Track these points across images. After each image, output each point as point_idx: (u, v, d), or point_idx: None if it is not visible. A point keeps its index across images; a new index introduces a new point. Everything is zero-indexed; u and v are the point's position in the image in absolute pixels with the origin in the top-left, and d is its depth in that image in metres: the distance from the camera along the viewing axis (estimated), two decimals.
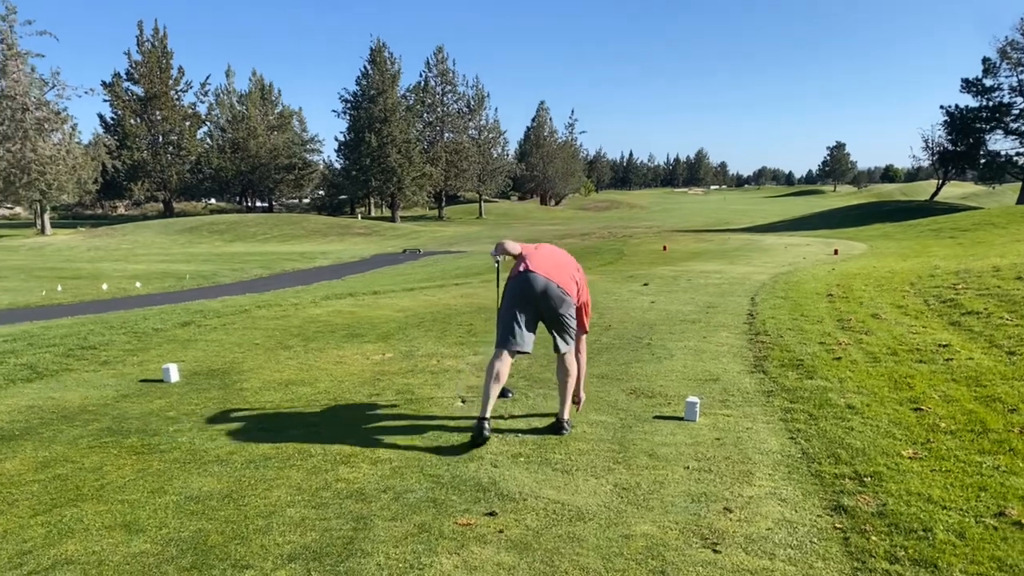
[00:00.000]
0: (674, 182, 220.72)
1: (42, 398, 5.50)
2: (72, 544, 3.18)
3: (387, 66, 66.17)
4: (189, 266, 25.16)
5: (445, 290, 11.79)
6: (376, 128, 64.07)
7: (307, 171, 77.27)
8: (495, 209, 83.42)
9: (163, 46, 66.42)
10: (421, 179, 67.32)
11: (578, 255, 20.62)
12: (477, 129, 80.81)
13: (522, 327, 4.46)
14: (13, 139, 45.57)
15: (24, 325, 9.68)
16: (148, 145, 66.11)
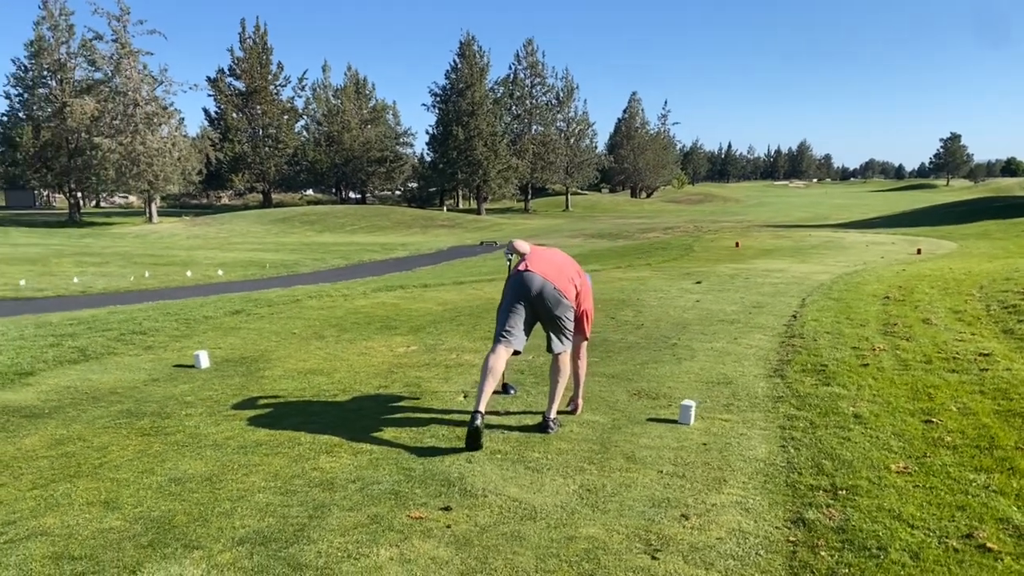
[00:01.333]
0: (774, 175, 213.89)
1: (80, 379, 5.93)
2: (52, 517, 3.44)
3: (476, 59, 66.82)
4: (276, 255, 26.25)
5: (494, 284, 11.90)
6: (464, 121, 64.85)
7: (398, 164, 79.00)
8: (582, 202, 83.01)
9: (263, 42, 69.22)
10: (507, 172, 67.75)
11: (645, 251, 20.43)
12: (565, 121, 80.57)
13: (516, 325, 4.51)
14: (124, 132, 48.60)
15: (97, 309, 10.37)
16: (248, 138, 69.13)
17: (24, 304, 13.78)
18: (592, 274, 13.20)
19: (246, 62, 68.23)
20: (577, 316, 4.76)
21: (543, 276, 4.47)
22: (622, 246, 24.55)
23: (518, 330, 4.49)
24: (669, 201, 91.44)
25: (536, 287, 4.44)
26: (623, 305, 9.12)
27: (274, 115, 70.13)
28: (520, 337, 4.51)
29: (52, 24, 53.29)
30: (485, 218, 55.12)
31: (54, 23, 53.35)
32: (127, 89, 49.61)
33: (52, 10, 53.28)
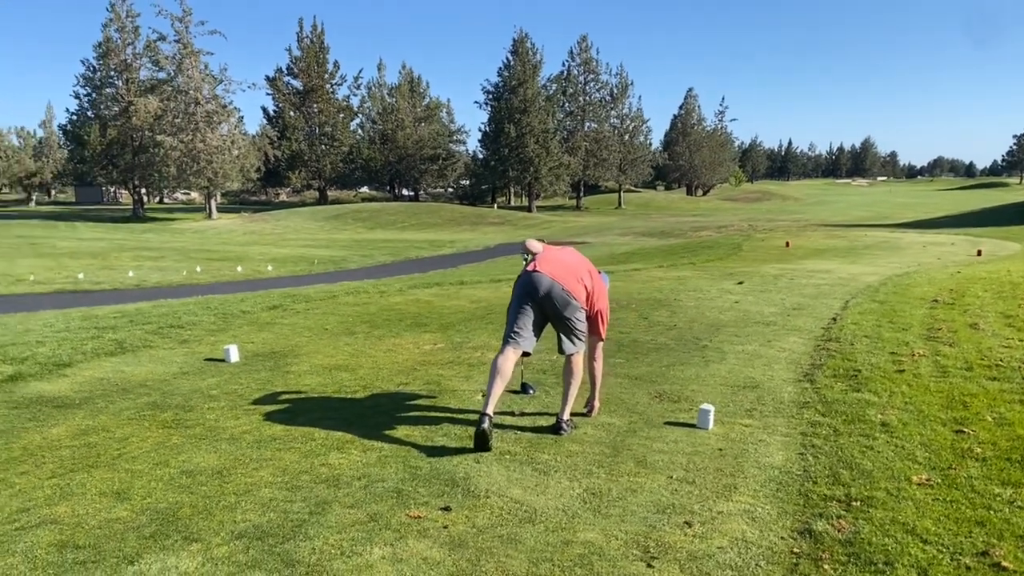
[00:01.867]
0: (836, 172, 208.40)
1: (114, 371, 6.10)
2: (65, 506, 3.54)
3: (529, 56, 66.77)
4: (327, 251, 26.68)
5: None
6: (515, 119, 64.88)
7: (450, 161, 79.49)
8: (635, 199, 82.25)
9: (320, 42, 70.43)
10: (558, 169, 67.54)
11: (692, 250, 20.11)
12: (619, 118, 79.95)
13: (525, 326, 4.47)
14: (185, 130, 50.03)
15: (144, 303, 10.67)
16: (305, 136, 70.42)
17: (81, 296, 14.29)
18: (633, 273, 13.06)
19: (303, 61, 69.49)
20: (590, 317, 4.69)
21: (551, 276, 4.41)
22: (670, 244, 24.23)
23: (527, 331, 4.44)
24: (725, 199, 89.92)
25: (544, 288, 4.39)
26: (658, 305, 8.98)
27: (330, 113, 71.28)
28: (529, 338, 4.46)
29: (119, 26, 55.19)
30: (536, 216, 55.08)
31: (121, 25, 55.24)
32: (188, 88, 51.08)
33: (119, 12, 55.17)
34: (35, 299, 14.04)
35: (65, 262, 22.33)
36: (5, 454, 4.25)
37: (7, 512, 3.49)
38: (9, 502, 3.60)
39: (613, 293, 10.25)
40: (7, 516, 3.44)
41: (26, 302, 13.37)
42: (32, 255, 25.41)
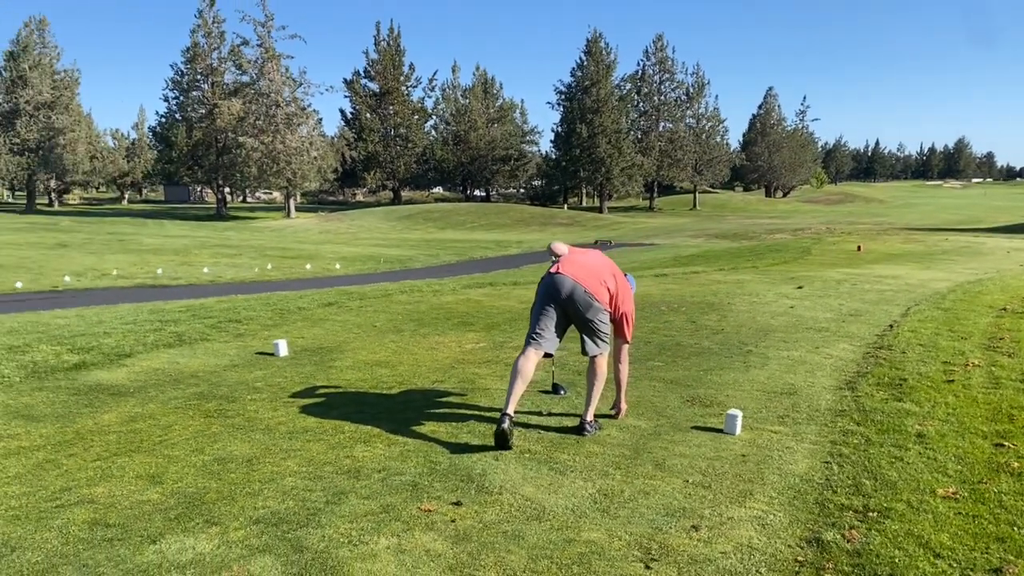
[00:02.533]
0: (927, 174, 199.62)
1: (170, 362, 6.42)
2: (103, 487, 3.77)
3: (602, 56, 66.47)
4: (395, 251, 27.21)
5: None
6: (588, 119, 64.66)
7: (522, 162, 79.78)
8: (711, 200, 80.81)
9: (397, 44, 71.79)
10: (631, 169, 66.97)
11: (758, 253, 19.67)
12: (695, 117, 78.77)
13: (547, 328, 4.51)
14: (266, 132, 51.81)
15: (211, 298, 11.15)
16: (381, 138, 71.88)
17: (158, 291, 15.02)
18: (691, 276, 12.89)
19: (380, 64, 70.98)
20: (616, 319, 4.69)
21: (574, 278, 4.44)
22: (739, 247, 23.76)
23: (549, 332, 4.48)
24: (806, 201, 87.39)
25: (567, 290, 4.42)
26: (709, 309, 8.86)
27: (405, 115, 72.54)
28: (551, 340, 4.50)
29: (206, 31, 57.59)
30: (606, 216, 54.78)
31: (208, 30, 57.63)
32: (270, 91, 52.87)
33: (207, 18, 57.57)
34: (117, 293, 14.82)
35: (148, 258, 23.45)
36: (59, 437, 4.55)
37: (51, 490, 3.74)
38: (55, 481, 3.86)
39: (665, 295, 10.16)
40: (51, 494, 3.70)
41: (108, 296, 14.12)
42: (120, 251, 26.77)
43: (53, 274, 18.38)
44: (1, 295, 14.73)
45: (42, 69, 60.74)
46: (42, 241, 31.52)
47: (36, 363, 6.28)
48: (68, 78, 64.14)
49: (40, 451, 4.31)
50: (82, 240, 32.84)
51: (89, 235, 36.24)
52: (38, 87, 59.40)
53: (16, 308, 11.94)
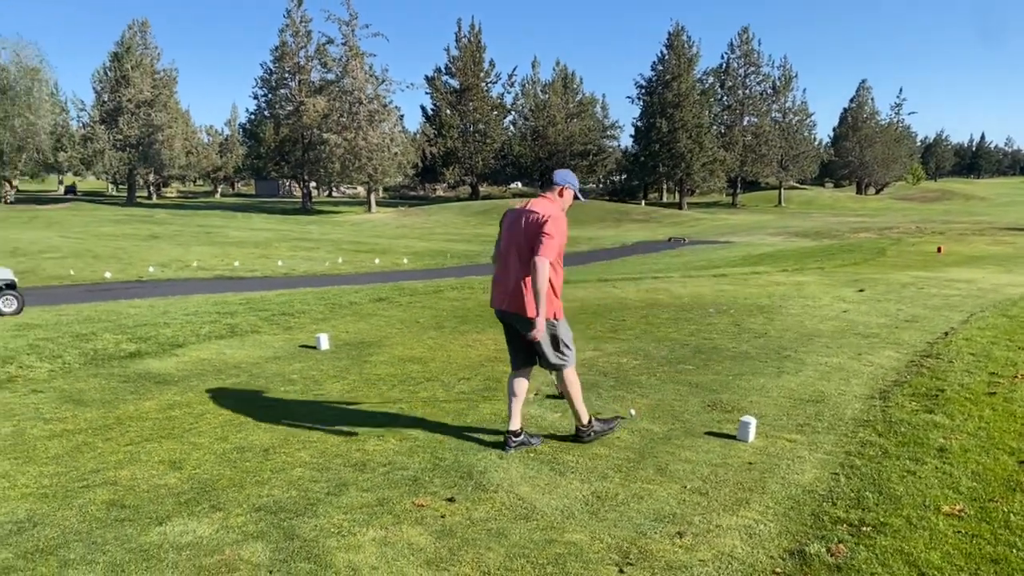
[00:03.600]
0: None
1: (217, 353, 6.76)
2: (127, 471, 4.04)
3: (684, 50, 65.33)
4: (466, 246, 27.56)
5: (637, 283, 11.74)
6: (668, 113, 63.72)
7: (601, 157, 79.26)
8: (797, 197, 78.38)
9: (477, 41, 72.42)
10: (712, 164, 65.64)
11: (831, 253, 19.03)
12: (781, 111, 76.53)
13: (512, 349, 4.45)
14: (349, 129, 53.17)
15: (276, 291, 11.62)
16: (460, 134, 72.69)
17: (233, 283, 15.71)
18: (751, 277, 12.60)
19: (461, 60, 71.73)
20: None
21: (501, 308, 4.30)
22: (811, 247, 23.01)
23: (515, 354, 4.42)
24: (899, 198, 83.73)
25: (503, 318, 4.38)
26: (758, 312, 8.67)
27: (484, 111, 73.13)
28: (517, 359, 4.42)
29: (294, 31, 59.49)
30: (684, 213, 53.87)
31: (295, 29, 59.51)
32: (353, 88, 54.22)
33: (295, 18, 59.49)
34: (195, 284, 15.58)
35: (230, 250, 24.50)
36: (100, 421, 4.88)
37: (81, 471, 4.03)
38: (87, 463, 4.16)
39: (718, 297, 10.00)
40: (80, 475, 3.99)
41: (186, 286, 14.87)
42: (206, 243, 28.07)
43: (141, 264, 19.45)
44: (91, 284, 15.72)
45: (143, 69, 64.07)
46: (137, 232, 33.36)
47: (96, 351, 6.72)
48: (167, 77, 67.50)
49: (81, 434, 4.64)
50: (173, 232, 34.57)
51: (180, 227, 38.10)
52: (139, 86, 62.69)
53: (101, 297, 12.74)
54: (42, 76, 61.53)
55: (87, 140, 62.47)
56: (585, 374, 5.97)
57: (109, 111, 63.42)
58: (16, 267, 17.45)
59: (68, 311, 10.11)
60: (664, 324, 7.96)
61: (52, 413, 5.05)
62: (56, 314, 9.75)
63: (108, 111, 63.50)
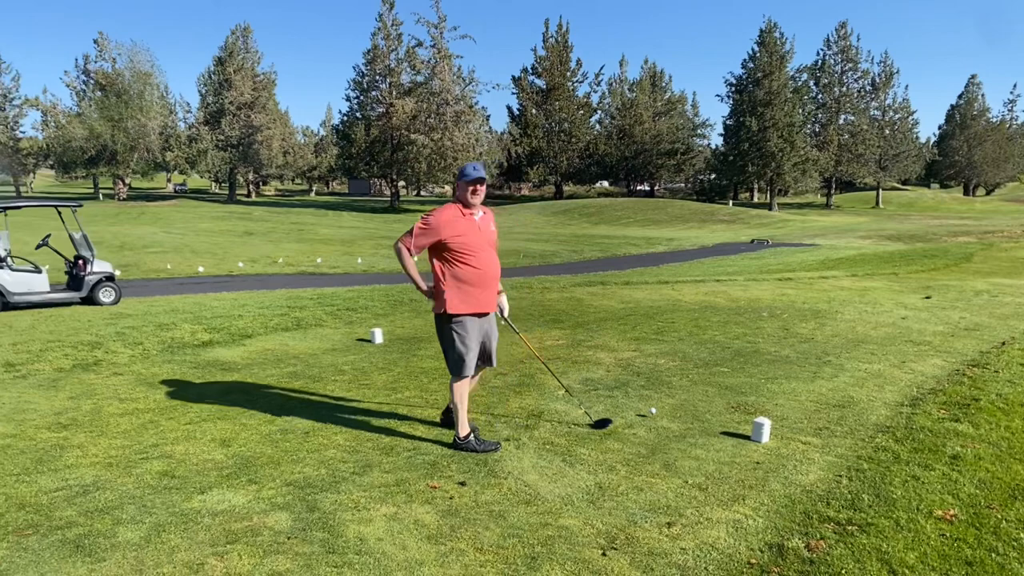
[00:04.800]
0: None
1: (280, 344, 7.29)
2: (182, 446, 4.53)
3: (776, 47, 63.54)
4: (542, 245, 27.84)
5: (697, 286, 11.74)
6: (758, 112, 62.15)
7: (688, 156, 78.05)
8: (898, 198, 75.07)
9: (564, 41, 72.49)
10: (804, 164, 63.60)
11: (912, 258, 18.42)
12: (881, 109, 73.42)
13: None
14: (436, 130, 54.29)
15: (346, 287, 12.20)
16: (544, 133, 72.97)
17: (313, 278, 16.51)
18: (818, 281, 12.40)
19: (547, 60, 72.00)
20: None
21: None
22: (899, 250, 22.16)
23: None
24: (1010, 200, 78.93)
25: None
26: (812, 317, 8.62)
27: (570, 111, 73.16)
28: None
29: (385, 34, 61.12)
30: (773, 214, 52.48)
31: (387, 33, 61.14)
32: (441, 90, 55.34)
33: (386, 21, 61.12)
34: (279, 279, 16.44)
35: (317, 247, 25.58)
36: (166, 403, 5.43)
37: (144, 445, 4.55)
38: (149, 438, 4.67)
39: (775, 301, 9.95)
40: (142, 448, 4.50)
41: (270, 281, 15.73)
42: (296, 240, 29.37)
43: (232, 260, 20.61)
44: (185, 277, 16.81)
45: (244, 72, 67.16)
46: (233, 229, 35.15)
47: (174, 339, 7.36)
48: (266, 80, 70.56)
49: (148, 413, 5.18)
50: (267, 229, 36.23)
51: (274, 224, 39.88)
52: (240, 88, 65.75)
53: (191, 290, 13.66)
54: (153, 80, 65.57)
55: (192, 140, 66.03)
56: (619, 374, 6.18)
57: (212, 113, 66.82)
58: (121, 261, 18.85)
59: (159, 302, 10.95)
60: (712, 327, 8.04)
61: (127, 394, 5.64)
62: (148, 305, 10.59)
63: (211, 113, 66.91)
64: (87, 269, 11.16)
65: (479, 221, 4.48)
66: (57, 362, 6.61)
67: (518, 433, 4.77)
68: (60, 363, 6.57)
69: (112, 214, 44.13)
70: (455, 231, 4.36)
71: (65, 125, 60.99)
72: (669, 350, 7.03)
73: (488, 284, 4.48)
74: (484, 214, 4.56)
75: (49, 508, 3.67)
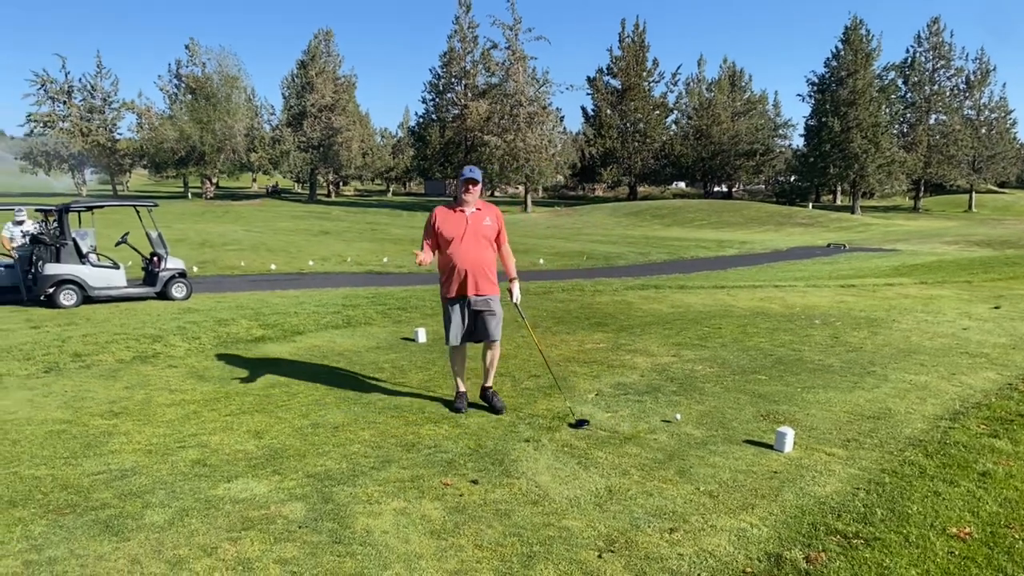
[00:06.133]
0: None
1: (328, 341, 7.55)
2: (218, 436, 4.78)
3: (862, 45, 61.38)
4: (608, 247, 27.73)
5: (754, 291, 11.51)
6: (841, 112, 60.19)
7: (768, 157, 76.23)
8: (992, 202, 71.53)
9: (641, 41, 71.87)
10: (889, 166, 61.22)
11: (991, 265, 17.60)
12: (975, 109, 70.10)
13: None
14: (509, 131, 54.64)
15: (401, 287, 12.48)
16: (619, 134, 72.51)
17: (377, 277, 16.94)
18: (882, 288, 12.00)
19: (623, 60, 71.52)
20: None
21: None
22: (982, 257, 21.14)
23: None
24: None
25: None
26: (866, 325, 8.36)
27: (645, 111, 72.49)
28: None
29: (461, 36, 61.96)
30: (854, 217, 50.74)
31: (463, 36, 61.97)
32: (515, 92, 55.68)
33: (462, 24, 61.97)
34: (344, 277, 16.94)
35: (387, 247, 26.16)
36: (212, 395, 5.72)
37: (184, 434, 4.82)
38: (190, 428, 4.95)
39: (831, 308, 9.70)
40: (182, 437, 4.77)
41: (336, 280, 16.22)
42: (368, 239, 30.10)
43: (304, 258, 21.32)
44: (257, 275, 17.50)
45: (326, 75, 69.19)
46: (310, 228, 36.25)
47: (230, 334, 7.73)
48: (347, 83, 72.51)
49: (193, 404, 5.48)
50: (343, 228, 37.23)
51: (350, 224, 40.95)
52: (322, 91, 67.76)
53: (260, 287, 14.23)
54: (240, 84, 68.26)
55: (275, 142, 68.43)
56: (653, 379, 6.18)
57: (295, 115, 69.08)
58: (201, 258, 19.75)
59: (226, 299, 11.48)
60: (759, 333, 7.91)
61: (178, 385, 5.97)
62: (215, 301, 11.12)
63: (294, 115, 69.19)
64: (161, 266, 11.79)
65: (469, 216, 5.17)
66: (119, 353, 7.05)
67: (539, 435, 4.84)
68: (122, 355, 7.01)
69: (198, 212, 46.17)
70: (442, 226, 5.17)
71: (157, 127, 64.15)
72: (709, 356, 6.97)
73: (468, 272, 5.16)
74: (479, 210, 5.22)
75: (88, 490, 3.95)
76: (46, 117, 65.89)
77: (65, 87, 66.70)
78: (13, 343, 7.94)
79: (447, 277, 5.25)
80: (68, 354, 7.13)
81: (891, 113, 65.48)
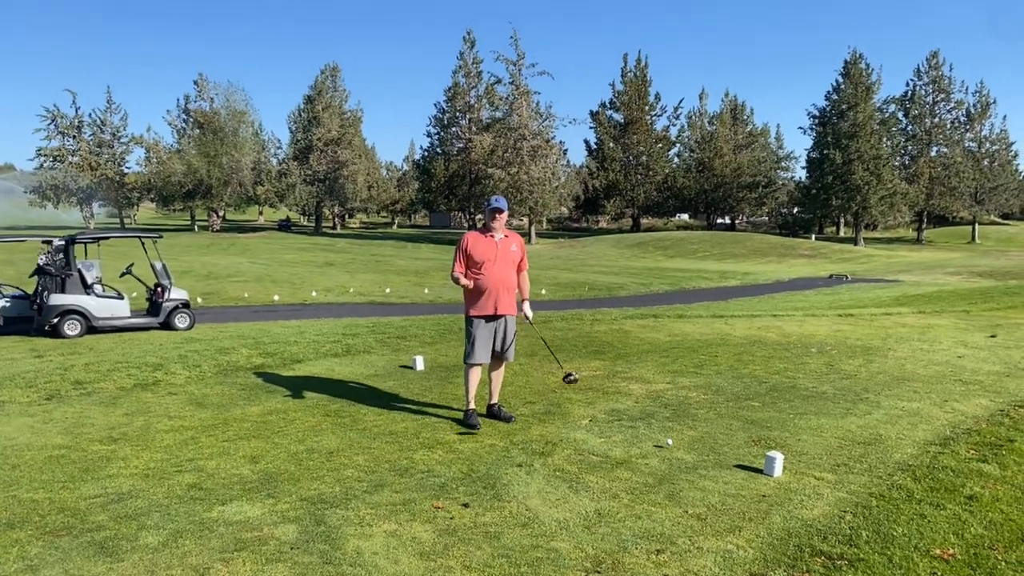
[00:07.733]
0: None
1: (326, 369, 7.63)
2: (215, 461, 4.85)
3: (862, 78, 62.03)
4: (612, 278, 27.84)
5: (751, 320, 11.57)
6: (842, 144, 60.62)
7: (770, 189, 76.65)
8: (996, 234, 71.57)
9: (643, 75, 72.72)
10: (892, 198, 61.49)
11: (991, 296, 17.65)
12: (976, 141, 70.52)
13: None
14: (512, 164, 55.12)
15: (405, 317, 12.58)
16: (622, 167, 73.06)
17: (380, 308, 17.06)
18: (879, 318, 12.05)
19: (626, 94, 72.29)
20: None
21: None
22: (983, 287, 21.19)
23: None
24: None
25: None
26: (861, 353, 8.41)
27: (648, 144, 73.10)
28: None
29: (466, 72, 62.81)
30: (857, 249, 50.85)
31: (467, 71, 62.82)
32: (518, 126, 56.28)
33: (467, 59, 62.86)
34: (347, 308, 17.06)
35: (390, 277, 26.32)
36: (211, 421, 5.80)
37: (181, 459, 4.89)
38: (187, 453, 5.02)
39: (828, 336, 9.75)
40: (178, 461, 4.84)
41: (338, 310, 16.33)
42: (372, 271, 30.29)
43: (308, 289, 21.47)
44: (260, 305, 17.64)
45: (332, 110, 70.12)
46: (315, 260, 36.51)
47: (230, 363, 7.82)
48: (352, 117, 73.46)
49: (192, 430, 5.55)
50: (347, 260, 37.47)
51: (354, 256, 41.21)
52: (328, 125, 68.62)
53: (263, 317, 14.34)
54: (247, 118, 69.20)
55: (282, 175, 69.13)
56: (647, 405, 6.23)
57: (301, 149, 69.89)
58: (205, 289, 19.91)
59: (228, 329, 11.59)
60: (754, 361, 7.96)
61: (176, 412, 6.05)
62: (218, 331, 11.23)
63: (300, 149, 69.99)
64: (164, 296, 11.93)
65: (499, 242, 5.58)
66: (120, 381, 7.14)
67: (531, 459, 4.90)
68: (123, 382, 7.10)
69: (204, 244, 46.51)
70: (474, 249, 5.54)
71: (165, 161, 64.91)
72: (704, 383, 7.02)
73: (498, 293, 5.53)
74: (506, 237, 5.64)
75: (85, 512, 4.01)
76: (56, 151, 66.84)
77: (75, 122, 67.77)
78: (16, 371, 8.05)
79: (477, 297, 5.56)
80: (70, 382, 7.23)
81: (892, 145, 65.91)
